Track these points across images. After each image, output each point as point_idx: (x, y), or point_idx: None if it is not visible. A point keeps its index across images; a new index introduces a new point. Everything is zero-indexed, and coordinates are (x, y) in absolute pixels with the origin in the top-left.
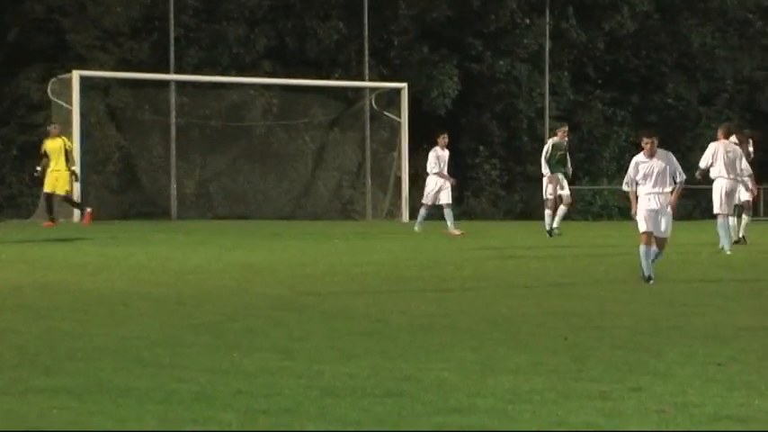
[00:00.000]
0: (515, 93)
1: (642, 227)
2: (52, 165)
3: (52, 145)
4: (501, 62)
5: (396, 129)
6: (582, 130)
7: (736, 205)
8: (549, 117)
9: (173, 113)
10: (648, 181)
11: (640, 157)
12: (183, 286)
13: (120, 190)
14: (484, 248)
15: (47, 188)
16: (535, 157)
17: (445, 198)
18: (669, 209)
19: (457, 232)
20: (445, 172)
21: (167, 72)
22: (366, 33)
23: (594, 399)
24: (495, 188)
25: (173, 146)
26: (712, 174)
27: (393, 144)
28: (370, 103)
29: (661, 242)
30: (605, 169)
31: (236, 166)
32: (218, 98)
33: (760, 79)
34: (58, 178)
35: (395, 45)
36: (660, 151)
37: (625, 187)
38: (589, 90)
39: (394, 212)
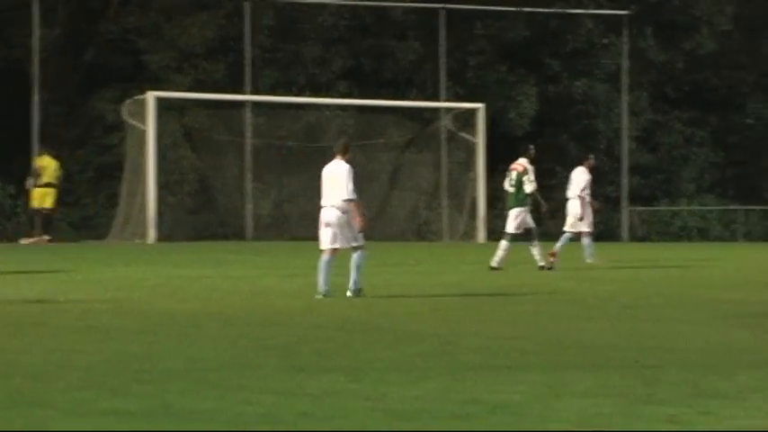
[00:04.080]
0: (593, 113)
1: None
2: (42, 181)
3: (41, 162)
4: (578, 82)
5: (472, 149)
6: (660, 151)
7: None
8: (628, 137)
9: (248, 134)
10: None
11: None
12: (254, 308)
13: (195, 211)
14: (558, 270)
15: (35, 204)
16: (613, 178)
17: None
18: None
19: (599, 261)
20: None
21: (243, 93)
22: (442, 53)
23: (663, 422)
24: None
25: (248, 167)
26: None
27: (469, 165)
28: (447, 124)
29: None
30: (684, 190)
31: (312, 188)
32: (294, 119)
33: None
34: (45, 194)
35: (471, 65)
36: None
37: None
38: (668, 110)
39: (470, 234)
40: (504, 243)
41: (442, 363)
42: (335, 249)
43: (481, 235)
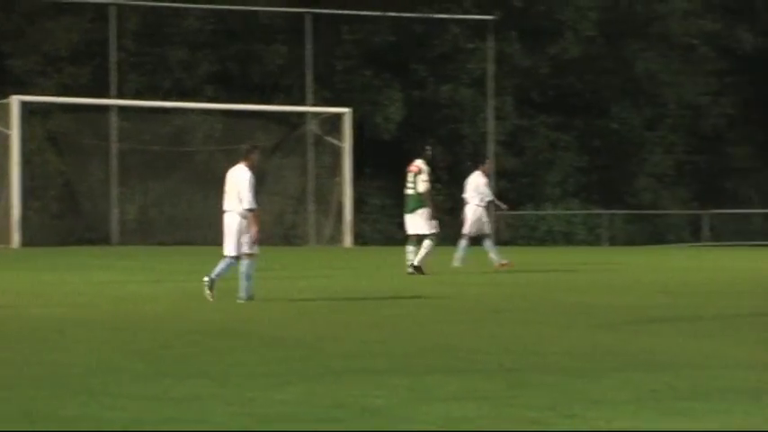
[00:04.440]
0: (459, 117)
1: None
2: None
3: None
4: (444, 87)
5: (338, 153)
6: (526, 155)
7: None
8: (494, 142)
9: (113, 138)
10: None
11: None
12: (119, 313)
13: (60, 216)
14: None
15: None
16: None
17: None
18: None
19: (504, 262)
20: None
21: (108, 97)
22: (309, 58)
23: (527, 425)
24: (439, 213)
25: (113, 171)
26: None
27: (336, 169)
28: (313, 129)
29: None
30: (549, 194)
31: (178, 192)
32: (160, 123)
33: (703, 104)
34: None
35: (338, 70)
36: None
37: None
38: (533, 115)
39: (336, 238)
40: (427, 242)
41: (307, 367)
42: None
43: (348, 239)
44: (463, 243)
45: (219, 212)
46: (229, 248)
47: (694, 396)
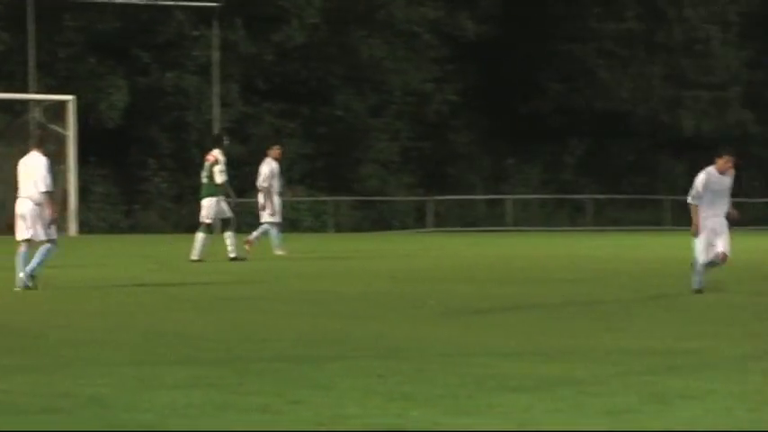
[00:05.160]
0: (184, 105)
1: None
2: None
3: None
4: (169, 74)
5: (63, 141)
6: (252, 142)
7: None
8: (219, 129)
9: None
10: None
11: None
12: None
13: None
14: (149, 259)
15: None
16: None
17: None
18: None
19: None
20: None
21: None
22: (31, 44)
23: (253, 412)
24: (164, 201)
25: None
26: None
27: (60, 157)
28: (37, 116)
29: None
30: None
31: None
32: None
33: (428, 91)
34: None
35: (61, 57)
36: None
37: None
38: (258, 102)
39: (61, 226)
40: (200, 235)
41: (33, 357)
42: (29, 240)
43: (72, 227)
44: (274, 231)
45: None
46: (23, 233)
47: (420, 380)
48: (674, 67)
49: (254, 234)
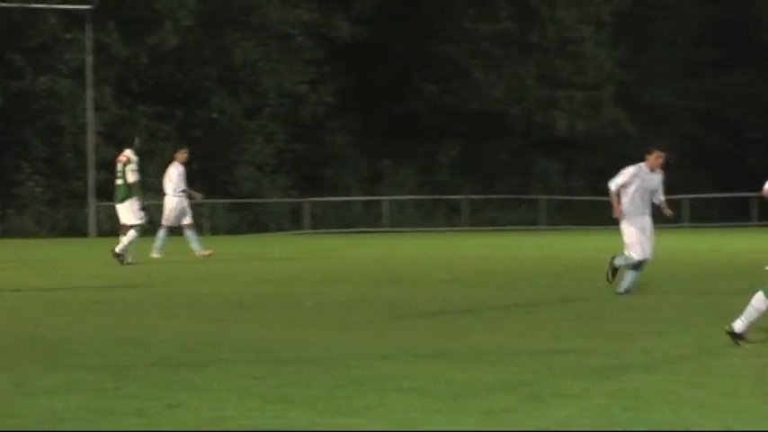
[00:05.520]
0: (58, 108)
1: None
2: None
3: None
4: (42, 77)
5: None
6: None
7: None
8: (94, 133)
9: None
10: None
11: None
12: None
13: None
14: (25, 265)
15: None
16: (79, 173)
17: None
18: None
19: (206, 252)
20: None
21: None
22: None
23: (131, 416)
24: (38, 205)
25: None
26: None
27: None
28: None
29: None
30: (150, 184)
31: None
32: None
33: (302, 93)
34: None
35: None
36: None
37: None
38: (133, 105)
39: None
40: (132, 233)
41: None
42: None
43: None
44: (161, 233)
45: None
46: None
47: (297, 382)
48: (548, 67)
49: (160, 242)
